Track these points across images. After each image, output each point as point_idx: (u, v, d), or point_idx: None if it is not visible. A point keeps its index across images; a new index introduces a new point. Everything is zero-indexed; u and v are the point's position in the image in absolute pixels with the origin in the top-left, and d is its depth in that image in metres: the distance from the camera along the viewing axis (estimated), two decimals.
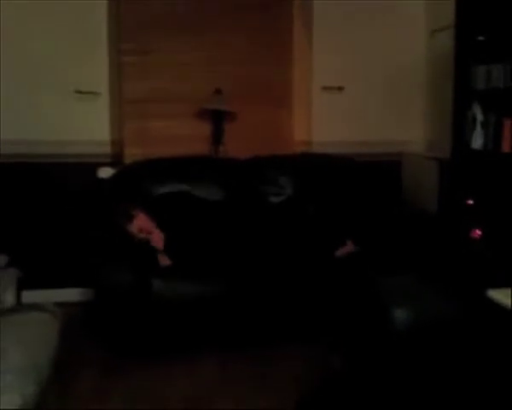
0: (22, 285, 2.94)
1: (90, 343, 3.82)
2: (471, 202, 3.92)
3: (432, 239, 3.92)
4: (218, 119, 4.69)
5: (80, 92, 4.51)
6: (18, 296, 2.81)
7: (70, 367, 3.41)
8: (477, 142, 4.02)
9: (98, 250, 3.81)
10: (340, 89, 4.85)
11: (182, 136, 4.74)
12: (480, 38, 3.99)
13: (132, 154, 4.65)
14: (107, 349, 3.72)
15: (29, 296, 3.66)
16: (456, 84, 4.12)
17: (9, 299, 2.73)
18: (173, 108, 4.75)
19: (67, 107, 4.51)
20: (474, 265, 3.50)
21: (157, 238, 3.83)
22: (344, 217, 4.19)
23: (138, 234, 3.80)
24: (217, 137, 4.71)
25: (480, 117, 4.00)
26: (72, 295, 4.45)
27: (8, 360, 2.18)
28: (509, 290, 2.41)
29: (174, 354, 3.68)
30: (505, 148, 3.80)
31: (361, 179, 4.58)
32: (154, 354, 3.67)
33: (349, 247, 3.99)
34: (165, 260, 3.80)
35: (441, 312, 2.93)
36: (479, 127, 4.01)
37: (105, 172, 4.50)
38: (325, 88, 4.84)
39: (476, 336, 2.53)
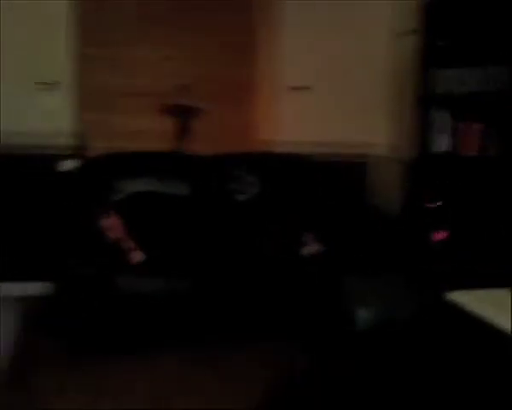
0: None
1: (49, 338, 3.74)
2: (434, 204, 3.98)
3: (394, 240, 3.97)
4: (183, 114, 4.65)
5: (40, 83, 4.41)
6: None
7: (28, 362, 3.34)
8: (439, 145, 4.09)
9: (63, 243, 3.74)
10: (307, 89, 4.86)
11: (145, 130, 4.69)
12: (444, 42, 4.05)
13: (94, 147, 4.57)
14: (66, 345, 3.65)
15: None
16: (420, 87, 4.18)
17: None
18: (136, 101, 4.69)
19: (27, 97, 4.40)
20: (435, 266, 3.56)
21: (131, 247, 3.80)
22: (309, 216, 4.22)
23: (109, 232, 3.76)
24: (182, 133, 4.67)
25: (442, 121, 4.07)
26: (34, 288, 4.34)
27: None
28: (469, 293, 2.46)
29: (135, 352, 3.63)
30: (467, 151, 3.87)
31: (326, 180, 4.60)
32: (114, 350, 3.62)
33: (314, 246, 4.01)
34: (139, 257, 3.75)
35: (402, 312, 2.98)
36: (441, 131, 4.08)
37: (66, 165, 4.42)
38: (292, 88, 4.84)
39: (436, 336, 2.57)
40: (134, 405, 3.10)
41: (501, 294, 2.46)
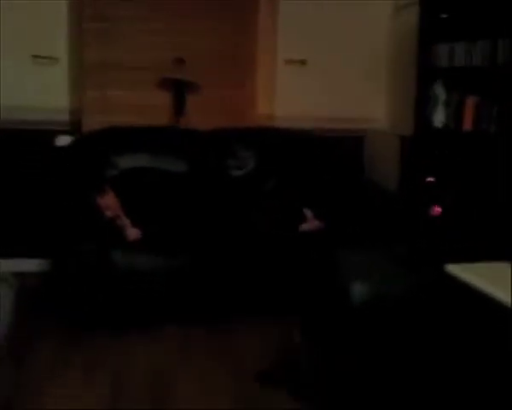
0: None
1: (47, 315, 3.75)
2: (432, 179, 3.95)
3: (392, 215, 3.96)
4: (179, 89, 4.61)
5: (38, 57, 4.37)
6: None
7: (26, 338, 3.34)
8: (439, 120, 4.06)
9: (61, 219, 3.73)
10: (303, 62, 4.81)
11: (142, 105, 4.66)
12: (444, 15, 4.00)
13: (91, 122, 4.54)
14: (65, 321, 3.65)
15: None
16: (420, 61, 4.13)
17: None
18: (134, 76, 4.66)
19: (24, 71, 4.37)
20: (433, 240, 3.54)
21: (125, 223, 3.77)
22: (306, 192, 4.19)
23: (106, 210, 3.74)
24: (178, 108, 4.62)
25: (442, 95, 4.03)
26: (32, 265, 4.32)
27: None
28: (467, 265, 2.45)
29: (134, 328, 3.63)
30: (466, 126, 3.84)
31: (323, 155, 4.57)
32: (113, 326, 3.61)
33: (312, 222, 3.99)
34: (136, 234, 3.73)
35: (399, 286, 2.96)
36: (441, 105, 4.04)
37: (63, 141, 4.39)
38: (288, 61, 4.80)
39: (434, 310, 2.56)
40: (134, 379, 3.11)
41: (501, 267, 2.45)
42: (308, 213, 4.04)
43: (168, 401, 2.93)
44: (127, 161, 4.14)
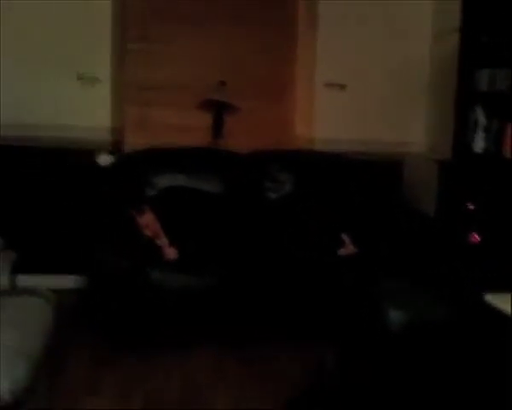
0: (17, 269, 2.91)
1: (83, 331, 3.79)
2: (471, 205, 3.90)
3: (430, 241, 3.91)
4: (219, 111, 4.66)
5: (82, 78, 4.48)
6: (13, 280, 2.79)
7: (62, 355, 3.39)
8: (478, 145, 4.02)
9: (99, 236, 3.79)
10: (343, 87, 4.83)
11: (182, 126, 4.71)
12: (486, 40, 3.97)
13: (132, 142, 4.62)
14: (100, 338, 3.69)
15: (24, 281, 3.65)
16: (460, 86, 4.11)
17: (4, 282, 2.70)
18: (175, 97, 4.72)
19: (68, 91, 4.49)
20: (472, 269, 3.49)
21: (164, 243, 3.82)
22: (343, 216, 4.17)
23: (145, 229, 3.79)
24: (217, 130, 4.68)
25: (482, 120, 3.99)
26: (68, 281, 4.39)
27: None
28: (506, 295, 2.41)
29: (169, 347, 3.65)
30: (507, 152, 3.79)
31: (361, 179, 4.55)
32: (148, 345, 3.64)
33: (350, 247, 3.96)
34: (173, 254, 3.77)
35: (436, 315, 2.93)
36: (481, 131, 4.00)
37: (104, 160, 4.47)
38: (328, 85, 4.81)
39: (472, 339, 2.52)
40: (165, 400, 3.12)
41: None
42: (346, 238, 4.01)
43: None
44: (166, 181, 4.20)
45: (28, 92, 4.42)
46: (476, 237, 3.75)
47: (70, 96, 4.49)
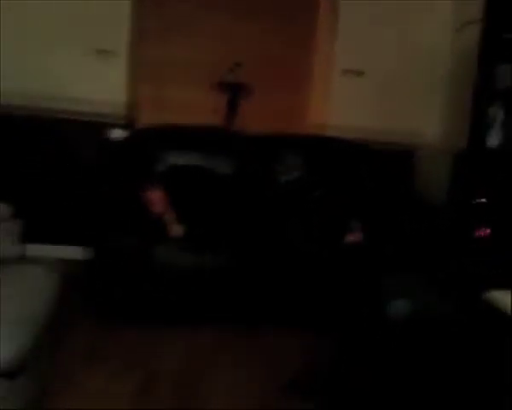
0: (26, 238, 2.93)
1: (87, 303, 3.81)
2: (482, 199, 3.87)
3: (438, 234, 3.89)
4: (234, 92, 4.64)
5: (99, 51, 4.47)
6: (22, 249, 2.80)
7: (65, 324, 3.41)
8: (494, 140, 3.98)
9: (107, 210, 3.79)
10: (361, 73, 4.79)
11: (196, 105, 4.69)
12: (507, 35, 3.92)
13: (145, 118, 4.61)
14: (103, 311, 3.71)
15: (32, 250, 3.68)
16: (479, 80, 4.06)
17: (13, 250, 2.72)
18: (190, 76, 4.71)
19: (84, 64, 4.48)
20: (479, 264, 3.47)
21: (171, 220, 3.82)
22: (353, 203, 4.16)
23: (154, 205, 3.80)
24: (231, 111, 4.66)
25: (500, 116, 3.95)
26: (75, 253, 4.42)
27: (4, 310, 2.17)
28: (507, 293, 2.39)
29: (170, 323, 3.67)
30: None
31: (373, 167, 4.53)
32: (149, 321, 3.66)
33: (357, 235, 3.95)
34: (178, 231, 3.77)
35: (439, 310, 2.91)
36: (498, 126, 3.96)
37: (116, 134, 4.48)
38: (345, 71, 4.78)
39: (472, 337, 2.51)
40: (163, 376, 3.13)
41: None
42: (356, 224, 3.98)
43: (194, 401, 2.95)
44: (176, 159, 4.20)
45: (44, 63, 4.41)
46: (486, 232, 3.72)
47: (86, 69, 4.49)
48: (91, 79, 4.50)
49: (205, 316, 3.76)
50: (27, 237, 3.07)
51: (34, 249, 3.88)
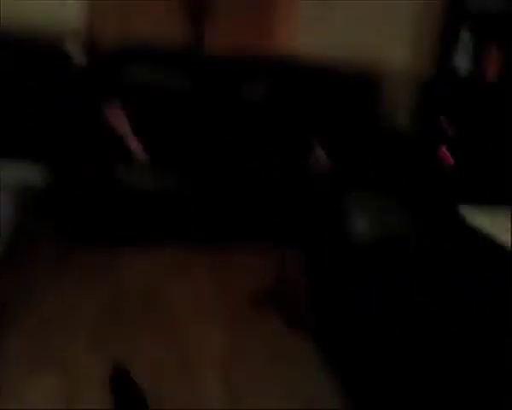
0: None
1: (47, 227, 3.72)
2: (446, 123, 3.85)
3: (403, 155, 3.86)
4: (196, 9, 4.45)
5: None
6: None
7: (27, 245, 3.33)
8: (462, 67, 3.93)
9: (70, 134, 3.65)
10: None
11: (159, 21, 4.44)
12: None
13: (107, 36, 4.37)
14: (65, 233, 3.62)
15: None
16: (449, 3, 3.98)
17: None
18: None
19: None
20: (441, 184, 3.46)
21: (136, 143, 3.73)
22: (318, 127, 4.11)
23: (114, 126, 3.69)
24: (195, 29, 4.48)
25: (468, 41, 3.90)
26: (35, 174, 4.24)
27: None
28: (474, 208, 2.39)
29: (134, 246, 3.63)
30: (490, 76, 3.72)
31: (339, 90, 4.44)
32: (113, 243, 3.61)
33: (322, 158, 3.91)
34: (142, 154, 3.67)
35: (402, 227, 2.91)
36: (465, 51, 3.91)
37: (77, 56, 4.29)
38: None
39: (439, 251, 2.51)
40: (130, 295, 3.12)
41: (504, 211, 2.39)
42: (319, 149, 3.95)
43: (162, 317, 2.96)
44: (137, 78, 4.04)
45: None
46: (447, 155, 3.71)
47: None
48: None
49: (171, 237, 3.73)
50: None
51: None
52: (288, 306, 3.09)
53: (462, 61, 3.93)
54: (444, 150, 3.67)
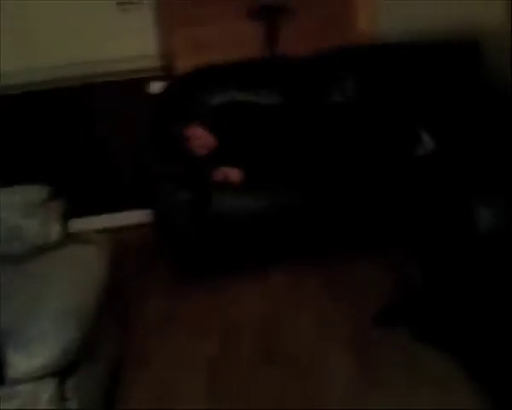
0: (70, 215, 2.77)
1: (152, 267, 3.73)
2: None
3: None
4: (271, 16, 4.27)
5: (122, 3, 4.20)
6: (65, 227, 2.64)
7: (126, 296, 3.30)
8: None
9: (154, 169, 3.59)
10: None
11: (235, 39, 4.33)
12: None
13: (184, 65, 4.31)
14: (170, 272, 3.62)
15: (79, 224, 3.54)
16: None
17: (55, 233, 2.55)
18: (223, 8, 4.33)
19: (110, 20, 4.22)
20: None
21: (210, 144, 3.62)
22: (417, 111, 3.76)
23: (194, 142, 3.61)
24: (271, 37, 4.30)
25: None
26: (136, 217, 4.30)
27: (45, 304, 2.00)
28: None
29: (241, 273, 3.52)
30: None
31: (435, 66, 4.06)
32: (219, 273, 3.52)
33: (430, 144, 3.56)
34: (236, 175, 3.53)
35: None
36: None
37: (156, 87, 4.26)
38: None
39: None
40: (243, 321, 3.03)
41: None
42: (424, 134, 3.61)
43: (283, 344, 2.83)
44: (219, 99, 3.92)
45: (70, 30, 4.19)
46: None
47: (113, 26, 4.22)
48: (121, 34, 4.23)
49: (277, 260, 3.60)
50: (71, 213, 2.90)
51: (81, 223, 3.71)
52: (417, 320, 2.82)
53: None
54: None
